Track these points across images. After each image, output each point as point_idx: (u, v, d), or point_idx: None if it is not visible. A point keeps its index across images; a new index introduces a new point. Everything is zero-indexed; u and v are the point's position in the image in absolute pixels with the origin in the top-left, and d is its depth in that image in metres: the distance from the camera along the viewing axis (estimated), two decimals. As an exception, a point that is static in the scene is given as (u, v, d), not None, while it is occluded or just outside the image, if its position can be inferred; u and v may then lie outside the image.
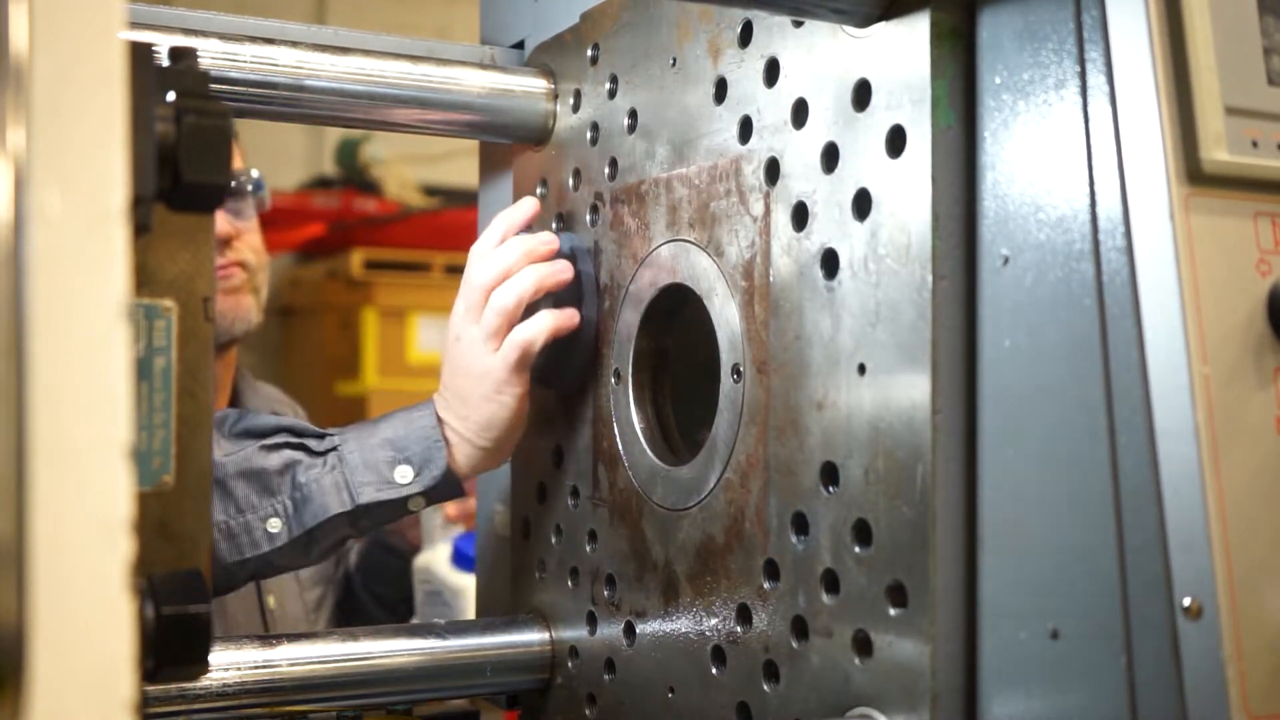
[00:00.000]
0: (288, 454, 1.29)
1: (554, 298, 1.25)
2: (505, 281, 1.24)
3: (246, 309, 1.96)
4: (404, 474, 1.26)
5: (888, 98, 0.89)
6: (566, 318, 1.24)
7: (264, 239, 2.07)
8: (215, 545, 1.25)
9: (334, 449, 1.28)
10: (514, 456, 1.37)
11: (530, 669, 1.28)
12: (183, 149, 0.69)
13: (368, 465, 1.26)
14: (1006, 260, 0.83)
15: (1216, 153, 0.75)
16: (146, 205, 0.65)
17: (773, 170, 1.00)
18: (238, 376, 2.06)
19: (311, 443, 1.29)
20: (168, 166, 0.69)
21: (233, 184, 1.93)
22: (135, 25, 1.10)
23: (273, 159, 4.76)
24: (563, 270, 1.24)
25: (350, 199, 4.96)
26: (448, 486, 1.28)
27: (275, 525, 1.26)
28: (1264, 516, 0.73)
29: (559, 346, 1.24)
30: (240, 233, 1.97)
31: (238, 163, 1.98)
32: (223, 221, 1.90)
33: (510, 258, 1.25)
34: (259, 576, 1.37)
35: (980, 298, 0.85)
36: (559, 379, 1.27)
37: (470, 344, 1.25)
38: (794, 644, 0.96)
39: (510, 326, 1.24)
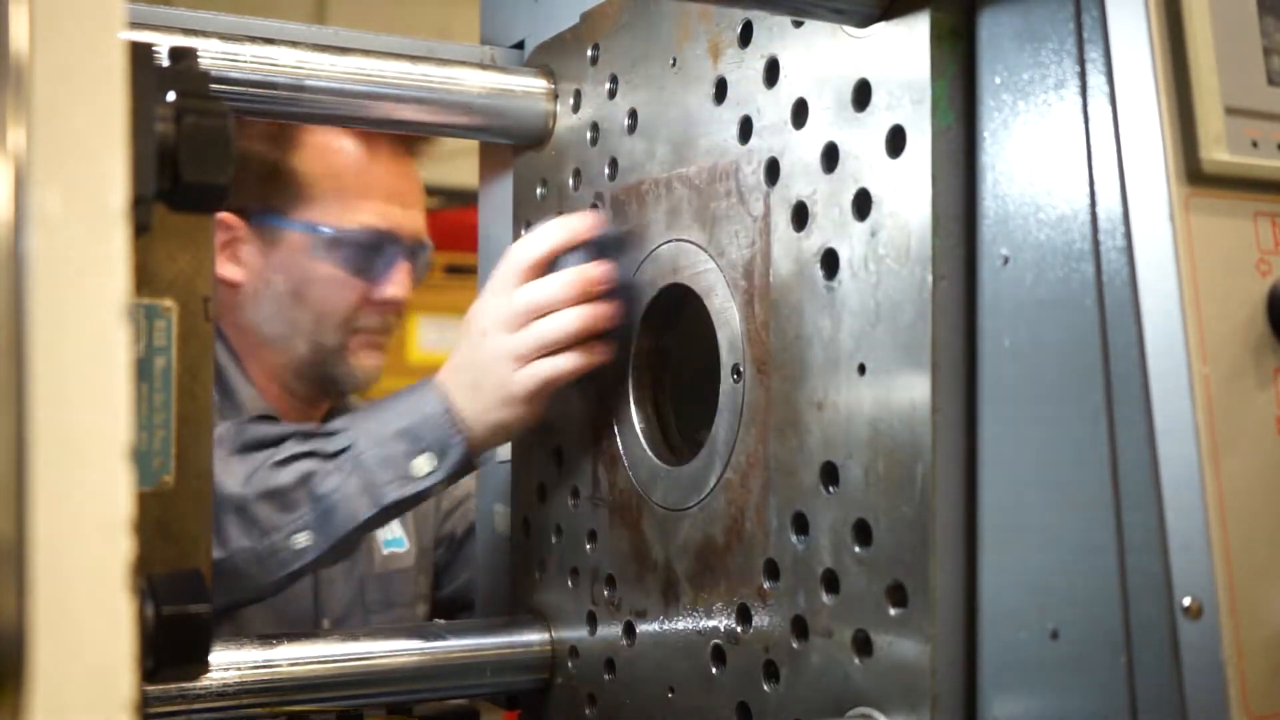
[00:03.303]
0: (302, 466, 1.28)
1: None
2: (552, 315, 1.21)
3: (380, 368, 1.85)
4: (423, 465, 1.26)
5: (888, 98, 0.89)
6: (598, 356, 1.21)
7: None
8: (245, 570, 1.27)
9: (347, 448, 1.27)
10: (514, 456, 1.37)
11: (530, 669, 1.28)
12: (183, 149, 0.69)
13: (386, 463, 1.26)
14: (1006, 260, 0.83)
15: (1216, 153, 0.75)
16: (146, 205, 0.65)
17: (773, 170, 1.00)
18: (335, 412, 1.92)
19: (322, 445, 1.28)
20: (168, 166, 0.69)
21: (422, 246, 1.81)
22: (135, 25, 1.10)
23: (273, 159, 4.74)
24: (613, 315, 1.20)
25: (350, 199, 4.94)
26: (465, 469, 1.29)
27: (302, 540, 1.27)
28: (1264, 516, 0.73)
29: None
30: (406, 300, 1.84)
31: (423, 228, 1.83)
32: (407, 286, 1.78)
33: (561, 290, 1.21)
34: (292, 584, 1.36)
35: (980, 298, 0.85)
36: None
37: (497, 352, 1.23)
38: (794, 644, 0.96)
39: (543, 354, 1.22)
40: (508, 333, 1.23)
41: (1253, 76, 0.78)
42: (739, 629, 1.02)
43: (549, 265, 1.23)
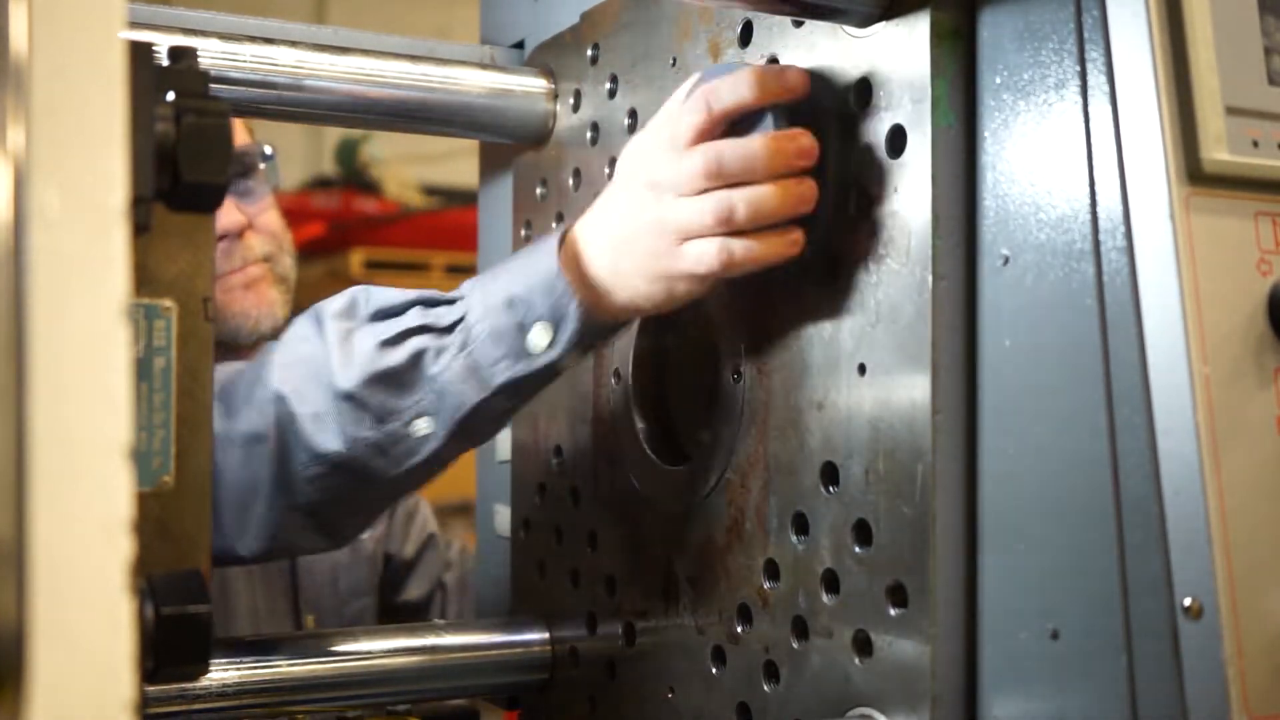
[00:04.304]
0: (412, 343, 1.09)
1: None
2: (749, 188, 0.95)
3: (271, 302, 1.69)
4: (538, 338, 1.06)
5: (888, 98, 0.89)
6: (791, 246, 0.96)
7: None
8: (370, 464, 1.10)
9: (460, 319, 1.09)
10: (514, 456, 1.37)
11: (530, 669, 1.28)
12: (182, 149, 0.69)
13: (496, 336, 1.06)
14: (1006, 260, 0.83)
15: (1217, 152, 0.75)
16: (146, 205, 0.65)
17: (773, 170, 1.00)
18: None
19: (438, 316, 1.10)
20: (167, 166, 0.69)
21: (242, 160, 1.71)
22: (135, 25, 1.10)
23: (272, 159, 4.75)
24: (811, 196, 0.95)
25: (350, 199, 4.96)
26: (591, 337, 1.07)
27: (424, 425, 1.10)
28: (1264, 516, 0.73)
29: None
30: (253, 219, 1.71)
31: (245, 137, 1.76)
32: (231, 211, 1.66)
33: (766, 158, 0.95)
34: (431, 477, 1.17)
35: (980, 298, 0.85)
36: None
37: (660, 216, 1.00)
38: (794, 644, 0.96)
39: (713, 234, 0.98)
40: (678, 195, 0.99)
41: (1253, 76, 0.78)
42: (739, 629, 1.02)
43: (732, 123, 0.99)
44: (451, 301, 1.10)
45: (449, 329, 1.09)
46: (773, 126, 0.96)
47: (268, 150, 1.78)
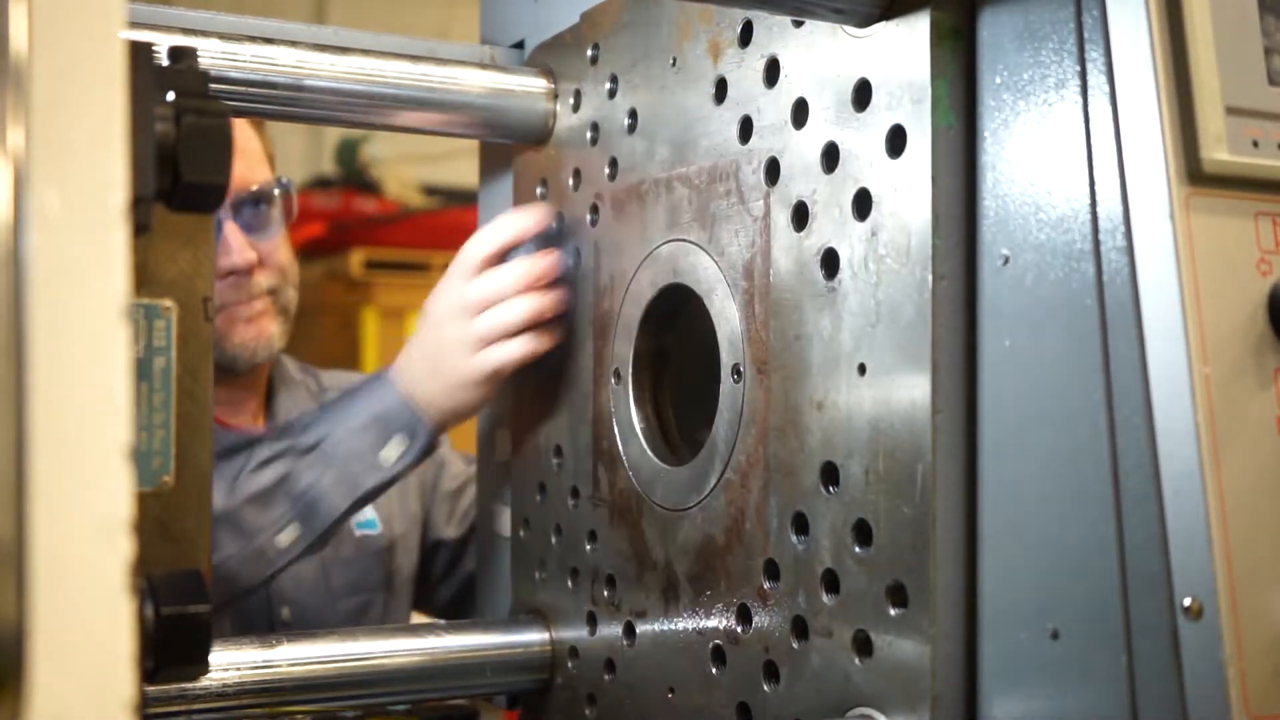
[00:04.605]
0: (279, 467, 1.37)
1: None
2: (500, 305, 1.30)
3: (270, 335, 1.77)
4: (392, 451, 1.37)
5: (888, 98, 0.89)
6: (546, 340, 1.30)
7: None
8: (234, 573, 1.35)
9: (319, 443, 1.37)
10: (514, 456, 1.37)
11: (530, 669, 1.28)
12: (182, 149, 0.69)
13: (358, 453, 1.37)
14: (1006, 260, 0.83)
15: (1217, 152, 0.75)
16: (146, 205, 0.65)
17: (773, 170, 1.00)
18: (278, 380, 1.90)
19: (296, 442, 1.38)
20: (167, 166, 0.69)
21: (259, 194, 1.74)
22: (135, 25, 1.10)
23: (272, 159, 4.76)
24: (558, 301, 1.29)
25: (350, 199, 4.96)
26: (430, 449, 1.41)
27: (288, 537, 1.36)
28: (1264, 516, 0.73)
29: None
30: (265, 257, 1.75)
31: (266, 172, 1.78)
32: (244, 249, 1.70)
33: (510, 282, 1.30)
34: (273, 580, 1.46)
35: (980, 298, 0.85)
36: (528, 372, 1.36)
37: (453, 340, 1.33)
38: (794, 644, 0.96)
39: (493, 341, 1.32)
40: (463, 321, 1.33)
41: (1253, 76, 0.78)
42: (739, 629, 1.02)
43: (502, 255, 1.33)
44: (302, 431, 1.39)
45: (309, 450, 1.37)
46: (527, 252, 1.32)
47: (284, 180, 1.81)
